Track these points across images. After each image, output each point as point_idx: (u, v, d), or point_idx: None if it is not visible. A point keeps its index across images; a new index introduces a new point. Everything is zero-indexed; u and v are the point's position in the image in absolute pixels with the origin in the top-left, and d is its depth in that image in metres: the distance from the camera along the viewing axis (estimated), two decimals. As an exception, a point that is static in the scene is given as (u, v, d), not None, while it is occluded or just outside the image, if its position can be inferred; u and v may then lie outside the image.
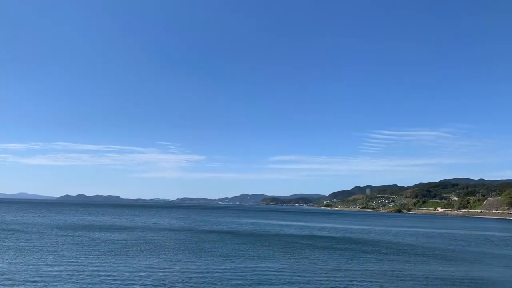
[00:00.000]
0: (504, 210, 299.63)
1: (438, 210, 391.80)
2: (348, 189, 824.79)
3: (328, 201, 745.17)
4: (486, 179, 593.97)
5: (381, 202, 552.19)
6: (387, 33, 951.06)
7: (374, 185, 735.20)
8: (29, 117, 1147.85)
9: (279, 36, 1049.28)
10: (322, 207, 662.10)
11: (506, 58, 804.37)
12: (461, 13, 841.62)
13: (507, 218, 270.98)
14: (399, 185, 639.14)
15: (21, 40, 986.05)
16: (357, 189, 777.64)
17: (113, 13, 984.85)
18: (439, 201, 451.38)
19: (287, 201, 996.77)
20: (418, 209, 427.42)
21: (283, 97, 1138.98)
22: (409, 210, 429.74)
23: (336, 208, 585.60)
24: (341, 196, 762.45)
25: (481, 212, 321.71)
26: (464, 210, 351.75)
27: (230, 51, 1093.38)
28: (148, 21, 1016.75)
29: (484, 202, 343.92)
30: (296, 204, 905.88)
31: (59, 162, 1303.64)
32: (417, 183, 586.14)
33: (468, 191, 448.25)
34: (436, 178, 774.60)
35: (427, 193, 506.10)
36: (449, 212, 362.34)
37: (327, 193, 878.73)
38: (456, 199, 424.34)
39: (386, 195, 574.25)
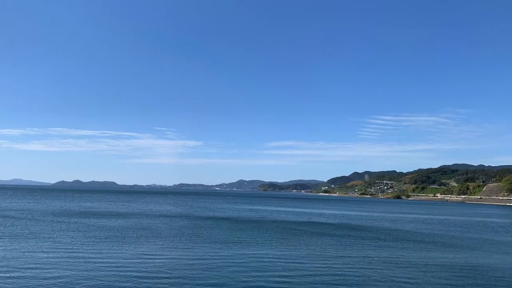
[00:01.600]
0: (504, 196, 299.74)
1: (437, 196, 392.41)
2: (347, 175, 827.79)
3: (326, 187, 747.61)
4: (486, 165, 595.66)
5: (379, 188, 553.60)
6: (385, 17, 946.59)
7: (372, 171, 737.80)
8: (24, 103, 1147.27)
9: (277, 21, 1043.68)
10: (320, 193, 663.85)
11: (506, 41, 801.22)
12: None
13: (507, 204, 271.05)
14: (397, 171, 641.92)
15: (16, 25, 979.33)
16: (356, 175, 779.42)
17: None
18: (438, 187, 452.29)
19: (285, 187, 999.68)
20: (417, 195, 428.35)
21: (281, 82, 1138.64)
22: (408, 196, 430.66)
23: (334, 194, 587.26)
24: (339, 182, 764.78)
25: (481, 198, 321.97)
26: (463, 196, 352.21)
27: (227, 35, 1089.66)
28: (144, 5, 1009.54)
29: (484, 188, 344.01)
30: (294, 190, 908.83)
31: (54, 148, 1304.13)
32: (416, 169, 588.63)
33: (467, 177, 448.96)
34: (435, 164, 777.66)
35: (426, 179, 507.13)
36: (448, 198, 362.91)
37: (325, 179, 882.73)
38: (456, 185, 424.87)
39: (384, 181, 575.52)
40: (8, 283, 25.41)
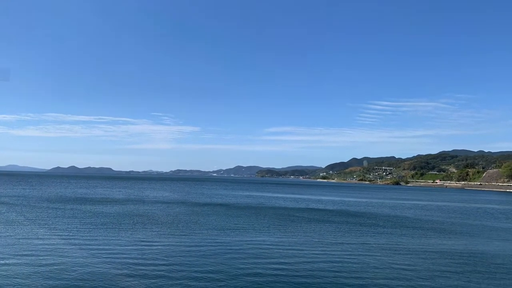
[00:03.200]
0: (504, 183, 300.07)
1: (436, 182, 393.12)
2: (345, 161, 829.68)
3: (324, 173, 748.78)
4: (486, 151, 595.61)
5: (378, 174, 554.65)
6: (385, 1, 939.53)
7: (371, 157, 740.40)
8: (19, 88, 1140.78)
9: (275, 5, 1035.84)
10: (318, 179, 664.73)
11: (506, 27, 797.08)
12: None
13: (507, 190, 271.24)
14: (396, 157, 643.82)
15: (10, 9, 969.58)
16: (354, 161, 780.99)
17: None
18: (437, 173, 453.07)
19: (283, 173, 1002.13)
20: (416, 181, 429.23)
21: (279, 68, 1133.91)
22: (407, 182, 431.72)
23: (333, 181, 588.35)
24: (337, 168, 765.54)
25: (481, 184, 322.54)
26: (463, 182, 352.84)
27: (225, 20, 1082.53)
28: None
29: (484, 174, 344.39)
30: (292, 177, 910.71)
31: (50, 134, 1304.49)
32: (415, 155, 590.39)
33: (467, 163, 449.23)
34: (434, 150, 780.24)
35: (426, 165, 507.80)
36: (448, 184, 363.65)
37: (323, 165, 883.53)
38: (455, 171, 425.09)
39: (383, 167, 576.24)
40: (3, 270, 25.05)
